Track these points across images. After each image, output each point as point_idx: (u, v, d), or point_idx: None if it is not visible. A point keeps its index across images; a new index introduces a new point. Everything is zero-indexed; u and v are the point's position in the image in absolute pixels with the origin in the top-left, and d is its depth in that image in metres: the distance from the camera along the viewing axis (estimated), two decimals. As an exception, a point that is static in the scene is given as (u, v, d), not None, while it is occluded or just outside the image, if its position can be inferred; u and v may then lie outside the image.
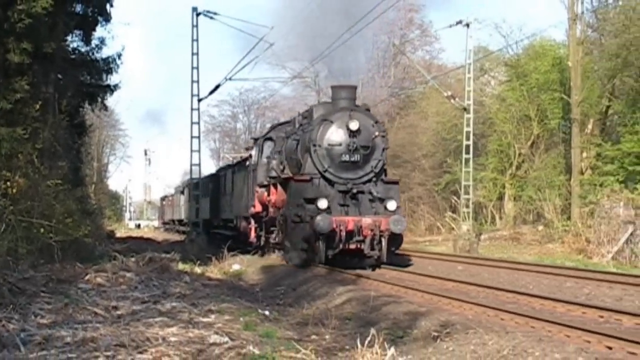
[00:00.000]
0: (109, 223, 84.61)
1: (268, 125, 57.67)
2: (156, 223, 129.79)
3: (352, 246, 34.37)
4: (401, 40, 68.30)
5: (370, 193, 35.81)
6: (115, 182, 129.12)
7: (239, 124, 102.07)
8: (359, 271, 33.42)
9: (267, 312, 20.21)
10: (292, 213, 34.94)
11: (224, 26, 57.89)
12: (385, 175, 38.52)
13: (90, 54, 39.02)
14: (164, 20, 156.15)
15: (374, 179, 36.26)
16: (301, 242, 34.60)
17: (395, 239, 35.43)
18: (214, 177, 68.48)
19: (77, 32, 37.41)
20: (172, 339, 14.05)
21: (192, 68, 56.42)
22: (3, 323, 14.81)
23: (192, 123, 57.01)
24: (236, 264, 41.59)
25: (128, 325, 15.43)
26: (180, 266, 34.69)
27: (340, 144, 35.58)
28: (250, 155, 48.05)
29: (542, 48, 70.04)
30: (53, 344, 13.47)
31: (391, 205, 35.16)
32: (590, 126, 64.14)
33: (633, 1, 60.50)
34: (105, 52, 39.54)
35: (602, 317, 20.10)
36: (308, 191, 35.26)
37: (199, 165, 58.82)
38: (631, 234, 48.07)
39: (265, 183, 43.14)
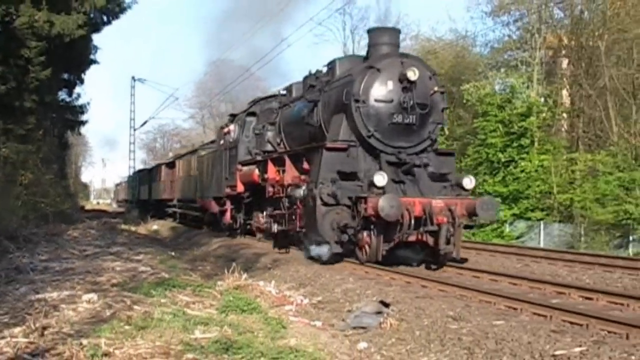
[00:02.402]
0: (81, 201, 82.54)
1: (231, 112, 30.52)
2: (109, 201, 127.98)
3: (412, 238, 15.81)
4: (251, 97, 67.62)
5: (426, 166, 17.14)
6: (85, 177, 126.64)
7: (158, 144, 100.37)
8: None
9: (172, 253, 19.97)
10: (324, 192, 16.41)
11: (150, 87, 58.38)
12: None
13: (72, 102, 38.32)
14: (116, 81, 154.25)
15: (429, 149, 17.59)
16: (337, 231, 16.25)
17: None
18: (171, 164, 45.75)
19: (64, 89, 36.76)
20: (118, 268, 13.83)
21: (131, 111, 57.29)
22: (20, 258, 14.71)
23: (129, 143, 58.24)
24: (155, 225, 41.17)
25: (92, 261, 15.20)
26: (123, 226, 34.27)
27: (390, 101, 16.81)
28: (227, 133, 27.48)
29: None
30: (49, 271, 13.23)
31: (468, 182, 16.93)
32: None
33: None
34: (80, 101, 38.80)
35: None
36: (344, 163, 16.91)
37: (134, 167, 59.83)
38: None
39: (249, 160, 23.96)
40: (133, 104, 58.11)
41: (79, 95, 38.97)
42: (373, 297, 11.50)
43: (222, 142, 28.13)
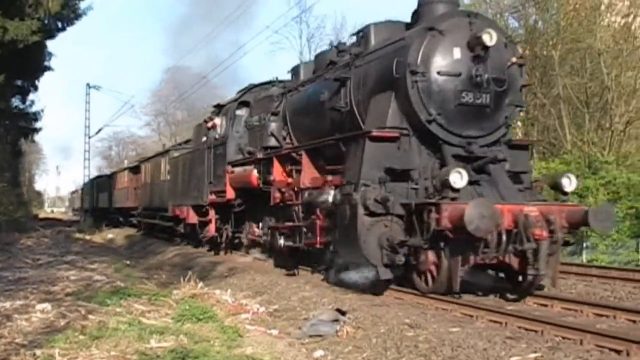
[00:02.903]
0: (34, 209, 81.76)
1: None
2: (63, 209, 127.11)
3: (478, 260, 11.20)
4: (208, 104, 67.45)
5: (502, 162, 12.79)
6: (39, 185, 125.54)
7: (113, 152, 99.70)
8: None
9: (128, 262, 19.82)
10: (369, 198, 11.69)
11: (106, 94, 58.21)
12: None
13: (25, 109, 38.08)
14: (70, 88, 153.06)
15: (502, 139, 13.27)
16: (386, 252, 11.61)
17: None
18: (134, 169, 40.46)
19: (18, 96, 36.48)
20: (72, 277, 13.74)
21: (86, 119, 56.43)
22: (-30, 268, 14.53)
23: (84, 151, 57.69)
24: (110, 234, 40.87)
25: (46, 270, 15.08)
26: (77, 235, 34.08)
27: (458, 74, 12.35)
28: (212, 128, 22.08)
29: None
30: (1, 280, 13.13)
31: (567, 182, 12.66)
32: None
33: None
34: (34, 108, 38.57)
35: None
36: (394, 158, 12.42)
37: (89, 175, 59.21)
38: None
39: (242, 159, 19.47)
40: (88, 111, 57.39)
41: (32, 102, 38.88)
42: (329, 305, 11.51)
43: (204, 139, 22.90)
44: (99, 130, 62.10)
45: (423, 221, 11.29)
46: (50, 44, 34.57)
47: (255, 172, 18.04)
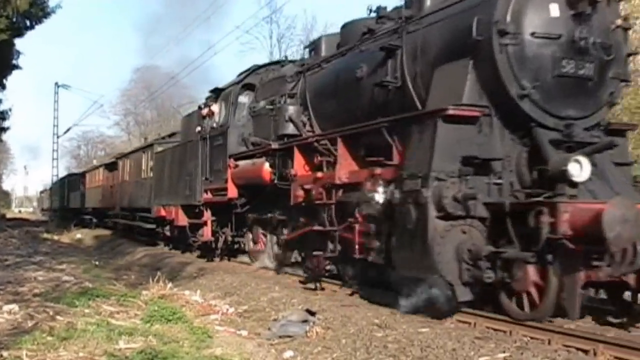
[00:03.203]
0: (2, 209, 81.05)
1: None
2: (31, 209, 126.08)
3: (601, 276, 8.36)
4: (177, 104, 67.59)
5: (613, 148, 9.55)
6: (6, 185, 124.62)
7: (82, 152, 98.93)
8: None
9: (97, 262, 19.72)
10: (446, 196, 8.75)
11: (75, 93, 57.56)
12: None
13: (-10, 109, 37.62)
14: (39, 87, 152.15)
15: (602, 122, 9.99)
16: (466, 266, 8.78)
17: None
18: (111, 166, 37.73)
19: (-17, 95, 36.04)
20: (40, 278, 13.64)
21: (54, 118, 56.08)
22: None
23: (53, 150, 57.04)
24: (79, 234, 40.60)
25: (13, 270, 14.96)
26: (45, 235, 33.84)
27: (557, 37, 9.15)
28: (208, 115, 19.16)
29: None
30: (-33, 281, 12.99)
31: None
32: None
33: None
34: (2, 107, 37.98)
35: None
36: (473, 145, 9.23)
37: (57, 175, 58.75)
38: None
39: (247, 151, 16.66)
40: (56, 111, 57.00)
41: (0, 101, 38.33)
42: (299, 305, 11.50)
43: (198, 129, 19.79)
44: (68, 129, 61.84)
45: (526, 226, 8.65)
46: (19, 43, 34.11)
47: (267, 165, 15.26)
